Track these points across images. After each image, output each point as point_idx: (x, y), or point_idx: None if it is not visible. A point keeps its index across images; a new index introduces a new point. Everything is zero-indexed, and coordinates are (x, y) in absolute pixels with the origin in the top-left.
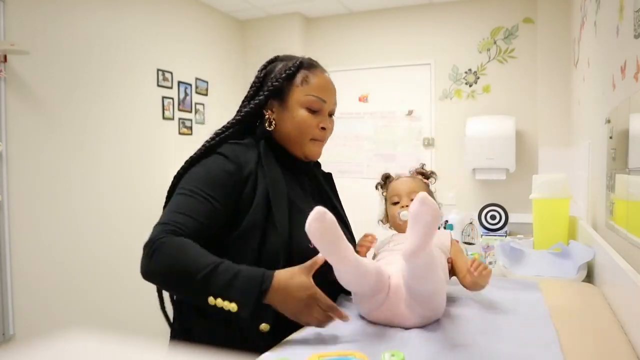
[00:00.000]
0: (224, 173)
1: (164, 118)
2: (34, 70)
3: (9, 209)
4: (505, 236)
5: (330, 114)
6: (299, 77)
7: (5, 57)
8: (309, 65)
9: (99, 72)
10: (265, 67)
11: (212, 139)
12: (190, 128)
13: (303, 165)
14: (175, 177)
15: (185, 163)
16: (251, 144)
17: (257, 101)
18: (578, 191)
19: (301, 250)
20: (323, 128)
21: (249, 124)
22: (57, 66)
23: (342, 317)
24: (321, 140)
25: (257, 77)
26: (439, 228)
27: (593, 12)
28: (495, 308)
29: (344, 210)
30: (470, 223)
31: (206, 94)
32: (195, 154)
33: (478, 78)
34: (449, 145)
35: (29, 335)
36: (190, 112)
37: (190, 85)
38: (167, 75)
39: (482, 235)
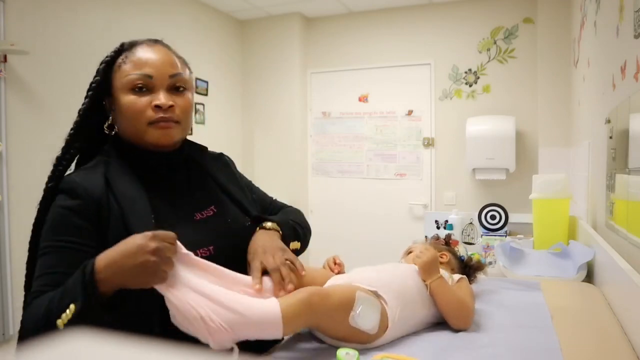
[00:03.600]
0: (65, 211)
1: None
2: (34, 70)
3: (9, 209)
4: (505, 236)
5: (176, 87)
6: (118, 62)
7: (5, 57)
8: (131, 44)
9: None
10: None
11: (51, 175)
12: (190, 128)
13: (172, 159)
14: (32, 232)
15: (34, 223)
16: (99, 163)
17: (83, 107)
18: (578, 191)
19: None
20: (157, 106)
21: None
22: (57, 66)
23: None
24: (163, 122)
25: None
26: (438, 228)
27: (593, 12)
28: (495, 307)
29: (245, 194)
30: (470, 223)
31: (206, 94)
32: (38, 208)
33: (478, 78)
34: (449, 145)
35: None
36: None
37: None
38: None
39: (482, 235)
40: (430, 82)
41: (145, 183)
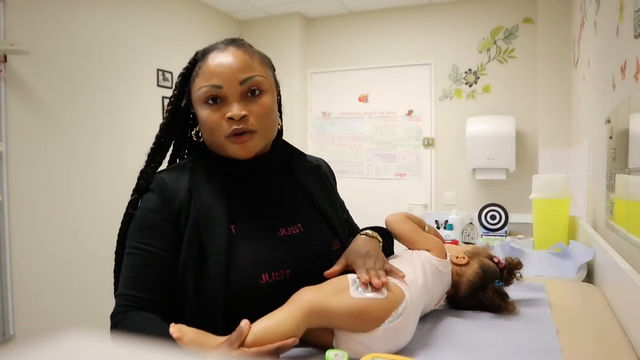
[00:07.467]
0: (149, 213)
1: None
2: (34, 70)
3: (9, 209)
4: (505, 236)
5: (251, 92)
6: (193, 73)
7: (5, 57)
8: (204, 52)
9: (99, 72)
10: None
11: (143, 170)
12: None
13: (259, 165)
14: (121, 224)
15: (127, 207)
16: (186, 167)
17: (164, 122)
18: (578, 191)
19: (247, 288)
20: (230, 118)
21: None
22: (57, 66)
23: (290, 345)
24: (240, 135)
25: None
26: (438, 228)
27: (593, 12)
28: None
29: (338, 213)
30: (470, 223)
31: None
32: (131, 195)
33: (478, 78)
34: (449, 145)
35: (29, 335)
36: None
37: None
38: (167, 75)
39: (482, 235)
40: (430, 82)
41: (230, 191)
